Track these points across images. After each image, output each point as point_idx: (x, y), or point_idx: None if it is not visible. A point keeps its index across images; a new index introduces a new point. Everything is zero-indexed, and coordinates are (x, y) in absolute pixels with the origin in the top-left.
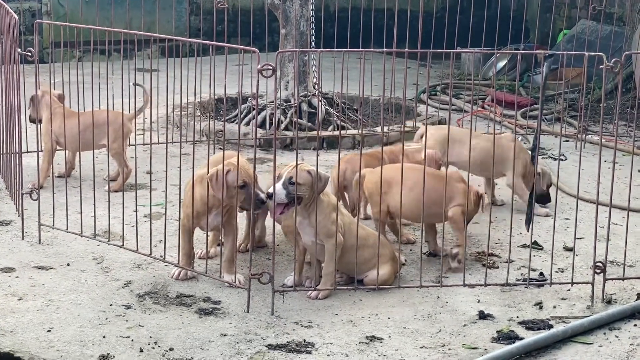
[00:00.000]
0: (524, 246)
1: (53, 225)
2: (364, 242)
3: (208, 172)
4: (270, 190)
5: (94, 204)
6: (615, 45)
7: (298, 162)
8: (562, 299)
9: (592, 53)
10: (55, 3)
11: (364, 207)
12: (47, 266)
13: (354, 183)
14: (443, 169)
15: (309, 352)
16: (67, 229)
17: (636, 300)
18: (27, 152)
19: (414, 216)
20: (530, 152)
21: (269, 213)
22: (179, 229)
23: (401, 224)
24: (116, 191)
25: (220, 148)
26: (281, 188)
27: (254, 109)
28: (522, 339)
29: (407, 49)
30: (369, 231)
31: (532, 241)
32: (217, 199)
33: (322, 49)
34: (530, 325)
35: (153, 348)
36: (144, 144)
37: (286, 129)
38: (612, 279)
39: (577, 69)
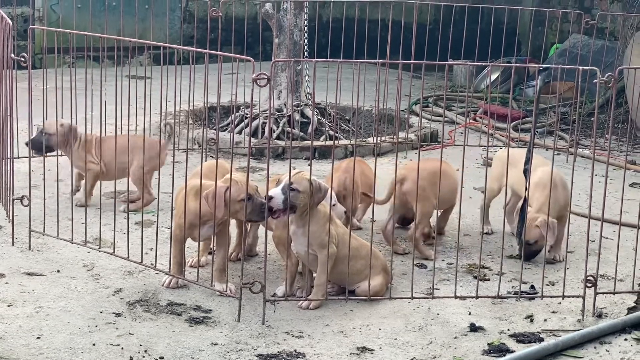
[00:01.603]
0: (510, 256)
1: (43, 231)
2: (356, 253)
3: (200, 181)
4: (271, 193)
5: (85, 211)
6: (607, 60)
7: (298, 171)
8: (553, 312)
9: (586, 67)
10: (48, 9)
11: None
12: (37, 272)
13: (390, 186)
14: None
15: None
16: (57, 236)
17: (627, 314)
18: (19, 157)
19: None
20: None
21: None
22: (171, 237)
23: (387, 235)
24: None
25: (213, 156)
26: (280, 193)
27: (246, 117)
28: (512, 352)
29: (400, 60)
30: (362, 242)
31: (523, 253)
32: (211, 212)
33: (316, 59)
34: (521, 338)
35: (143, 357)
36: None
37: (278, 138)
38: (603, 293)
39: (568, 83)
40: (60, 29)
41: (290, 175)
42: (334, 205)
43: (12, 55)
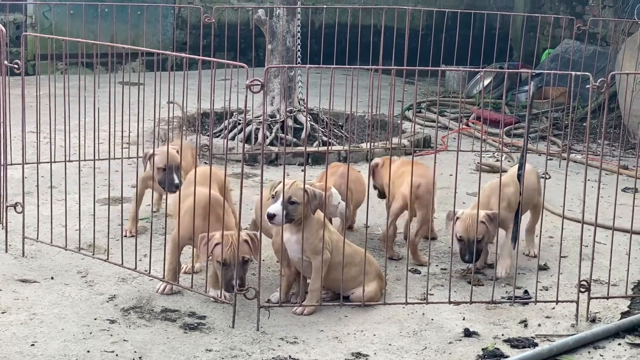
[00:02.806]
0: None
1: (37, 238)
2: (350, 259)
3: (195, 188)
4: (271, 210)
5: (79, 217)
6: (599, 65)
7: (292, 182)
8: (547, 317)
9: (578, 73)
10: (41, 15)
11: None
12: (30, 279)
13: (403, 192)
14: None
15: None
16: (51, 242)
17: (620, 319)
18: (12, 164)
19: None
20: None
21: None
22: (165, 243)
23: (388, 240)
24: None
25: (206, 162)
26: (280, 209)
27: (239, 123)
28: (507, 357)
29: (393, 66)
30: (356, 248)
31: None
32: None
33: (310, 65)
34: (515, 343)
35: None
36: (129, 158)
37: (271, 144)
38: (597, 298)
39: (561, 88)
40: (53, 36)
41: (284, 185)
42: (338, 203)
43: (5, 61)
